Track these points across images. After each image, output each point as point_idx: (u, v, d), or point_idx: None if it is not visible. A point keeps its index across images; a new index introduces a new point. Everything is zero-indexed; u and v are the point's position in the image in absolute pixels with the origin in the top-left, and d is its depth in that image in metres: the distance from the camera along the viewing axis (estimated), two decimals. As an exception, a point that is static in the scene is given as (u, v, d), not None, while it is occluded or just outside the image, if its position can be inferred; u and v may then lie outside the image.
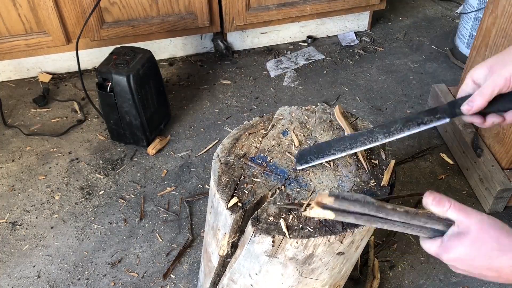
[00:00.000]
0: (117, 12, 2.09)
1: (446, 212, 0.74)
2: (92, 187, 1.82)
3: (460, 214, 0.73)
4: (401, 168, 1.88)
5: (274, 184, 0.98)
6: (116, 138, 1.97)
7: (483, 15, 1.71)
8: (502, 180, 1.63)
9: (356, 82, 2.30)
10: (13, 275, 1.56)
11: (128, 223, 1.70)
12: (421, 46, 2.52)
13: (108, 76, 1.77)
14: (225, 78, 2.34)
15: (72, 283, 1.53)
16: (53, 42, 2.09)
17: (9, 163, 1.92)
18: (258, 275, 0.99)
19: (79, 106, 2.16)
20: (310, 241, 0.87)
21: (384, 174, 1.01)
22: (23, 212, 1.74)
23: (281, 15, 2.30)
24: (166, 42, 2.39)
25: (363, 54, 2.47)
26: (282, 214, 0.92)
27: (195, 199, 1.78)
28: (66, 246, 1.64)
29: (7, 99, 2.21)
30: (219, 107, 2.17)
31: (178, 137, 2.03)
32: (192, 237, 1.66)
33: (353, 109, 2.15)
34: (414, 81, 2.30)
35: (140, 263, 1.59)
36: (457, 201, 0.75)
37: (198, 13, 2.17)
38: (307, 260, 0.92)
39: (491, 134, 1.71)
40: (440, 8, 2.82)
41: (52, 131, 2.05)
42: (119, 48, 1.86)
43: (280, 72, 2.36)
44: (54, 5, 1.98)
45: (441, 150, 1.95)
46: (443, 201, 0.74)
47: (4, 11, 1.96)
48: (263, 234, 0.88)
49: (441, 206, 0.74)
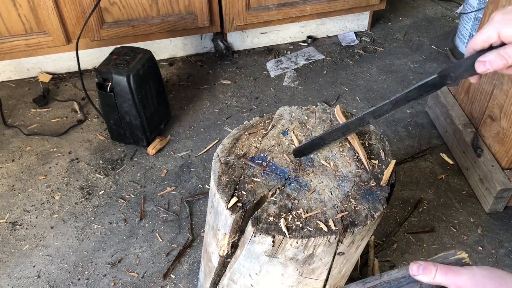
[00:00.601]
0: (117, 12, 2.09)
1: (434, 278, 0.69)
2: (92, 187, 1.82)
3: (448, 276, 0.68)
4: (401, 168, 1.88)
5: (274, 184, 0.98)
6: (116, 138, 1.97)
7: (483, 15, 1.72)
8: (502, 180, 1.64)
9: (356, 82, 2.30)
10: (13, 275, 1.56)
11: (128, 223, 1.70)
12: (421, 46, 2.52)
13: (108, 76, 1.77)
14: (225, 78, 2.34)
15: (72, 283, 1.53)
16: (53, 42, 2.09)
17: (9, 163, 1.92)
18: (258, 275, 0.99)
19: (79, 106, 2.16)
20: (310, 241, 0.87)
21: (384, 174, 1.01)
22: (23, 212, 1.74)
23: (281, 15, 2.30)
24: (166, 42, 2.39)
25: (363, 54, 2.48)
26: (282, 214, 0.92)
27: (195, 199, 1.78)
28: (66, 246, 1.64)
29: (7, 99, 2.21)
30: (219, 107, 2.17)
31: (178, 137, 2.03)
32: (192, 237, 1.66)
33: (353, 109, 2.15)
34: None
35: (140, 263, 1.59)
36: (458, 200, 0.73)
37: (198, 13, 2.17)
38: (307, 260, 0.92)
39: (491, 134, 1.71)
40: (440, 8, 2.82)
41: (52, 131, 2.05)
42: (119, 48, 1.86)
43: (280, 72, 2.36)
44: (54, 5, 1.98)
45: (441, 150, 1.95)
46: (429, 267, 0.69)
47: (4, 11, 1.96)
48: (263, 234, 0.88)
49: (428, 273, 0.69)
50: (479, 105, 1.78)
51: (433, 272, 0.69)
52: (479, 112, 1.79)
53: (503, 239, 1.63)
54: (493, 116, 1.69)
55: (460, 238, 1.64)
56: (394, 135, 2.02)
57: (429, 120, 2.09)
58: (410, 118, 2.10)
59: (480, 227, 1.67)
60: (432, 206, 1.74)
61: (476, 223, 1.68)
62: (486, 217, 1.71)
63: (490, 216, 1.71)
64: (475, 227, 1.67)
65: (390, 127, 2.05)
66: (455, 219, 1.70)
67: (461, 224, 1.68)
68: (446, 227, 1.67)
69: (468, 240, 1.63)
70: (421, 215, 1.72)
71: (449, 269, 0.68)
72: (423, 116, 2.11)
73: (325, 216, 0.91)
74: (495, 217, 1.71)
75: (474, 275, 0.66)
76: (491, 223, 1.69)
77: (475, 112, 1.81)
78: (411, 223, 1.69)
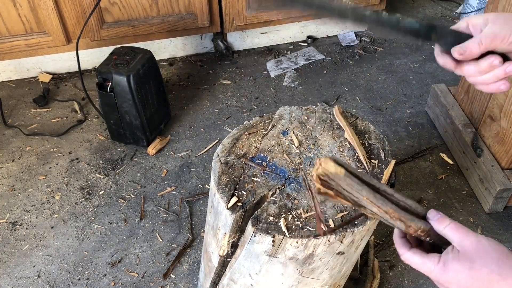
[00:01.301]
0: (117, 12, 2.09)
1: (444, 229, 0.72)
2: (92, 187, 1.82)
3: (457, 233, 0.71)
4: (401, 168, 1.88)
5: (274, 184, 0.98)
6: (116, 138, 1.97)
7: (483, 15, 1.72)
8: (502, 180, 1.64)
9: (356, 82, 2.30)
10: (13, 275, 1.56)
11: (128, 223, 1.70)
12: (421, 46, 2.52)
13: (108, 76, 1.77)
14: (225, 78, 2.34)
15: (72, 283, 1.53)
16: (53, 42, 2.09)
17: (9, 163, 1.92)
18: (258, 275, 0.99)
19: (79, 106, 2.16)
20: (310, 241, 0.88)
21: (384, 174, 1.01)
22: (23, 212, 1.74)
23: (281, 15, 2.30)
24: (166, 42, 2.39)
25: (363, 54, 2.48)
26: (282, 213, 0.92)
27: (195, 199, 1.78)
28: (66, 246, 1.64)
29: (7, 99, 2.21)
30: (219, 107, 2.17)
31: (178, 137, 2.03)
32: (192, 237, 1.66)
33: (353, 109, 2.15)
34: (414, 81, 2.30)
35: (140, 263, 1.59)
36: (457, 200, 0.74)
37: (198, 13, 2.17)
38: (307, 259, 0.92)
39: (491, 134, 1.71)
40: (440, 8, 2.82)
41: (52, 131, 2.05)
42: (119, 48, 1.86)
43: (280, 72, 2.37)
44: (54, 5, 1.98)
45: (441, 150, 1.96)
46: (444, 219, 0.73)
47: (4, 11, 1.96)
48: (263, 234, 0.88)
49: (441, 224, 0.73)
50: (479, 105, 1.78)
51: (445, 224, 0.72)
52: (479, 112, 1.79)
53: (503, 239, 1.63)
54: (493, 116, 1.69)
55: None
56: (394, 135, 2.02)
57: (429, 120, 2.09)
58: (410, 118, 2.10)
59: (480, 227, 1.67)
60: (432, 206, 1.74)
61: (476, 223, 1.68)
62: (486, 217, 1.71)
63: (490, 216, 1.71)
64: (475, 227, 1.67)
65: (390, 127, 2.05)
66: (455, 219, 1.69)
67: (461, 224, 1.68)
68: (446, 227, 1.67)
69: (468, 240, 1.63)
70: (421, 215, 1.72)
71: (460, 227, 0.71)
72: (423, 116, 2.11)
73: (325, 216, 0.92)
74: (495, 217, 1.71)
75: (479, 241, 0.68)
76: (491, 223, 1.69)
77: (475, 112, 1.81)
78: (411, 223, 1.69)
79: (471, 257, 0.67)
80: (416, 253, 0.74)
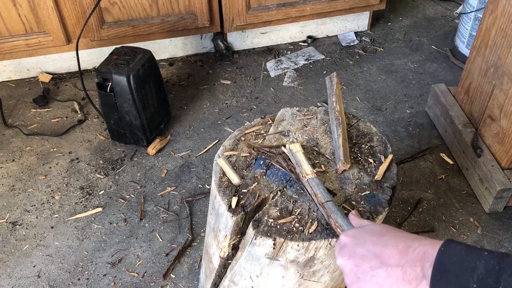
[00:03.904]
0: (117, 12, 2.09)
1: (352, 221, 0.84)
2: (92, 187, 1.82)
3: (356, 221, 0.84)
4: (401, 168, 1.88)
5: (275, 186, 0.98)
6: (116, 138, 1.97)
7: (483, 15, 1.72)
8: (502, 180, 1.64)
9: (356, 82, 2.30)
10: (13, 275, 1.56)
11: (128, 223, 1.70)
12: (421, 46, 2.52)
13: (108, 76, 1.76)
14: (225, 78, 2.34)
15: (72, 283, 1.54)
16: (53, 42, 2.08)
17: (9, 163, 1.92)
18: (259, 277, 0.99)
19: (79, 106, 2.16)
20: (312, 244, 0.88)
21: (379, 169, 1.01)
22: (23, 212, 1.74)
23: (281, 15, 2.30)
24: (166, 42, 2.38)
25: (363, 54, 2.48)
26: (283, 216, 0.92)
27: (195, 199, 1.78)
28: (66, 246, 1.64)
29: (7, 99, 2.20)
30: (219, 107, 2.17)
31: (178, 137, 2.03)
32: (192, 237, 1.66)
33: (353, 109, 2.15)
34: (414, 81, 2.30)
35: (140, 263, 1.59)
36: (457, 200, 0.76)
37: (198, 13, 2.17)
38: (308, 262, 0.92)
39: (491, 134, 1.72)
40: (440, 8, 2.82)
41: (52, 131, 2.05)
42: (119, 48, 1.86)
43: (280, 72, 2.36)
44: (54, 5, 1.98)
45: (441, 150, 1.96)
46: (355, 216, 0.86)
47: (4, 11, 1.96)
48: (264, 237, 0.88)
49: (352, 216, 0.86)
50: (479, 105, 1.78)
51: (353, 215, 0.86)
52: (479, 112, 1.79)
53: (502, 239, 1.64)
54: (493, 116, 1.69)
55: (460, 238, 1.64)
56: (394, 135, 2.02)
57: (429, 120, 2.09)
58: (410, 118, 2.10)
59: (480, 227, 1.67)
60: (432, 206, 1.75)
61: (476, 223, 1.69)
62: (486, 217, 1.71)
63: (490, 216, 1.71)
64: (475, 227, 1.67)
65: (390, 127, 2.05)
66: (455, 219, 1.70)
67: (461, 224, 1.69)
68: (446, 227, 1.68)
69: (467, 240, 1.64)
70: (421, 215, 1.72)
71: (360, 219, 0.85)
72: (423, 116, 2.11)
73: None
74: (495, 217, 1.71)
75: (369, 225, 0.78)
76: (490, 223, 1.69)
77: (475, 112, 1.81)
78: (411, 223, 1.69)
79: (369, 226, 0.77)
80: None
